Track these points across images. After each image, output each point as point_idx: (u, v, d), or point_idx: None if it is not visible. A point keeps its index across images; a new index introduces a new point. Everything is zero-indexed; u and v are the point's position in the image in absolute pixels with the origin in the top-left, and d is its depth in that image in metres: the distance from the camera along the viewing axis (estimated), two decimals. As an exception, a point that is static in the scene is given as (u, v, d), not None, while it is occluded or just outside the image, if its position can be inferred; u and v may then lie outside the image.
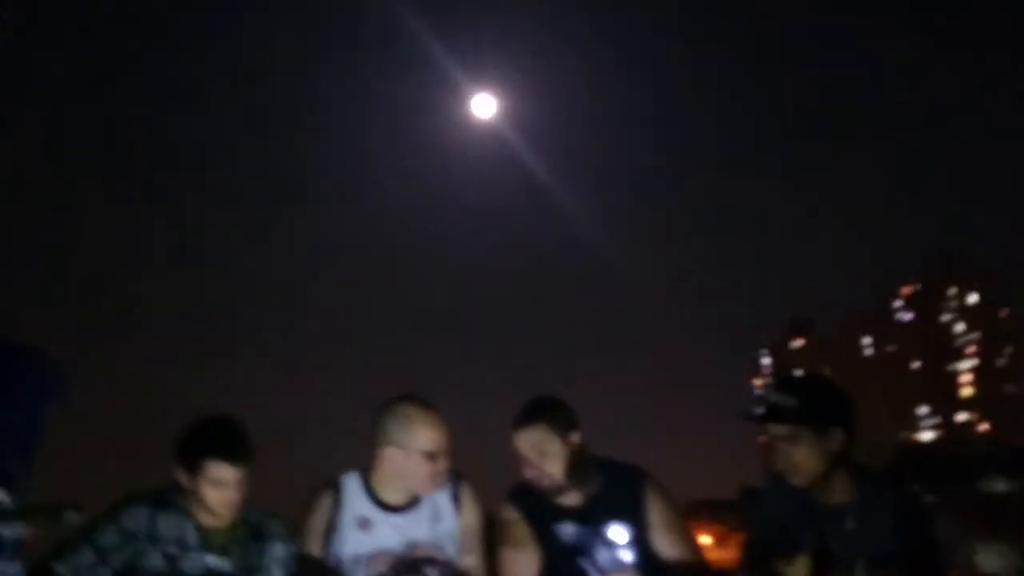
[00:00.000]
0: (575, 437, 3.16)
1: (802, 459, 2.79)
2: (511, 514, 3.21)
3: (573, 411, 3.21)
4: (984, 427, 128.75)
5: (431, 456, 3.05)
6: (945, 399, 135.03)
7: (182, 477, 2.95)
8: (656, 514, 3.16)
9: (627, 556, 3.04)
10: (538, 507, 3.17)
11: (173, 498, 2.98)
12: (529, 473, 3.14)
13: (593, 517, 3.13)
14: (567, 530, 3.15)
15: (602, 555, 3.07)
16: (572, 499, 3.17)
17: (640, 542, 3.12)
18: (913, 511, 2.80)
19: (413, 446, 3.05)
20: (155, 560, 2.90)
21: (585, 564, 3.09)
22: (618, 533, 3.07)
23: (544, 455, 3.11)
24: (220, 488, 2.91)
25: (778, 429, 2.83)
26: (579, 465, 3.16)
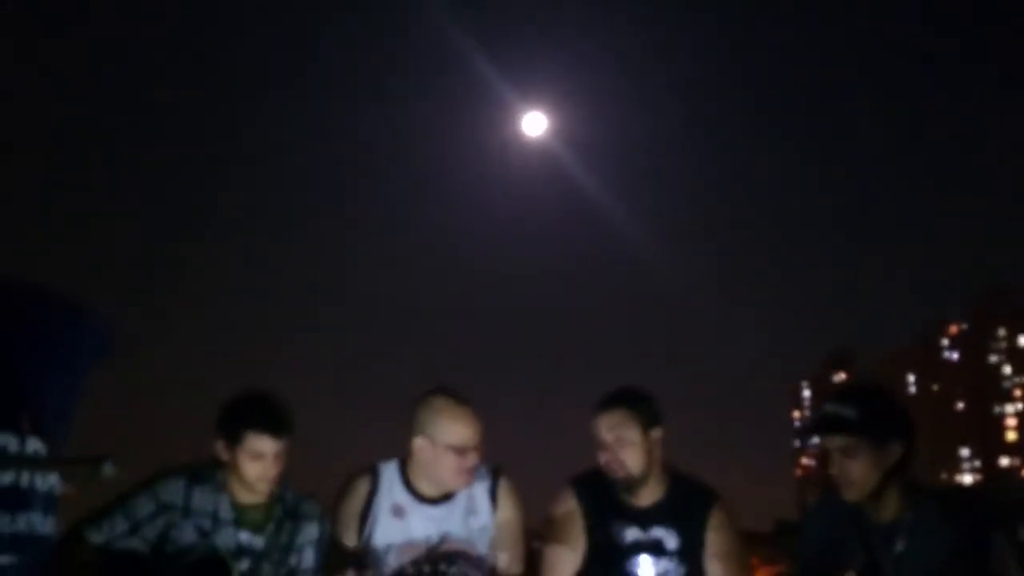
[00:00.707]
0: (656, 433, 3.09)
1: (858, 472, 2.70)
2: (569, 504, 3.14)
3: (660, 409, 3.14)
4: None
5: (459, 451, 3.01)
6: (988, 442, 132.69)
7: (222, 449, 2.94)
8: (717, 538, 3.09)
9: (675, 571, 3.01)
10: (601, 500, 3.11)
11: (210, 473, 2.97)
12: (603, 459, 3.08)
13: (654, 523, 3.07)
14: (627, 532, 3.08)
15: (653, 569, 3.03)
16: (637, 499, 3.10)
17: (692, 559, 3.06)
18: (969, 535, 2.69)
19: (441, 439, 3.02)
20: (188, 533, 2.89)
21: (635, 569, 3.04)
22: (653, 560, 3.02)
23: (622, 442, 3.04)
24: (259, 461, 2.90)
25: (835, 440, 2.75)
26: (655, 463, 3.09)
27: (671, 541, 3.07)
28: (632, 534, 3.08)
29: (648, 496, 3.11)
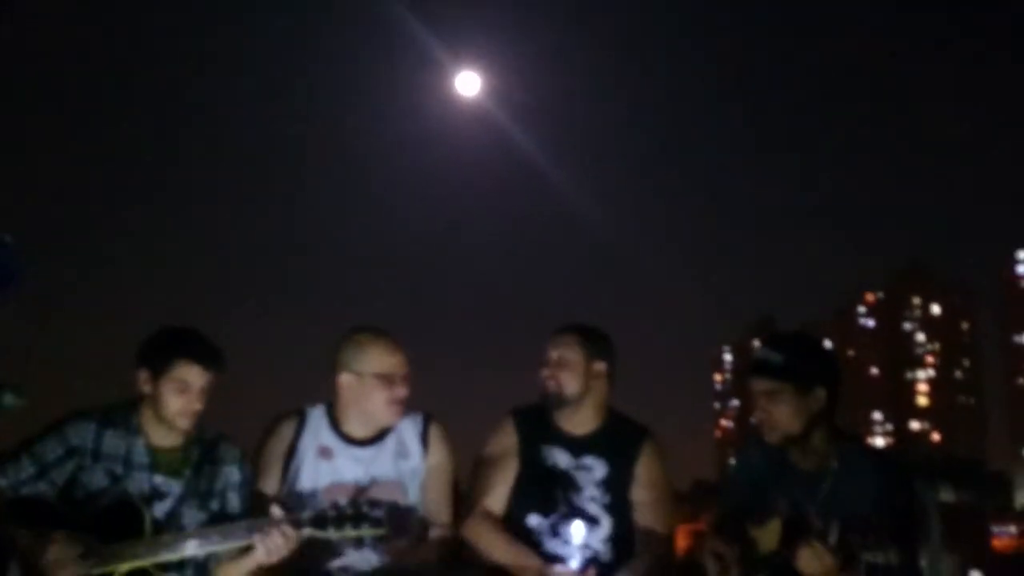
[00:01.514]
0: (599, 366, 3.19)
1: (781, 416, 2.72)
2: (506, 429, 3.22)
3: (612, 348, 3.25)
4: (936, 437, 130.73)
5: (386, 379, 2.99)
6: (900, 407, 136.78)
7: (144, 381, 2.81)
8: (646, 470, 3.16)
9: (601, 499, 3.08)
10: (537, 428, 3.20)
11: (123, 415, 2.85)
12: (544, 374, 3.17)
13: (585, 451, 3.15)
14: (558, 456, 3.15)
15: (580, 495, 3.09)
16: (572, 427, 3.18)
17: (618, 489, 3.12)
18: (893, 477, 2.71)
19: (367, 369, 2.99)
20: (97, 477, 2.77)
21: (561, 494, 3.10)
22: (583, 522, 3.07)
23: (562, 362, 3.16)
24: (185, 394, 2.78)
25: (761, 384, 2.76)
26: (593, 394, 3.18)
27: (599, 469, 3.13)
28: (563, 459, 3.15)
29: (583, 425, 3.18)
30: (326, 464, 3.00)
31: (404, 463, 3.04)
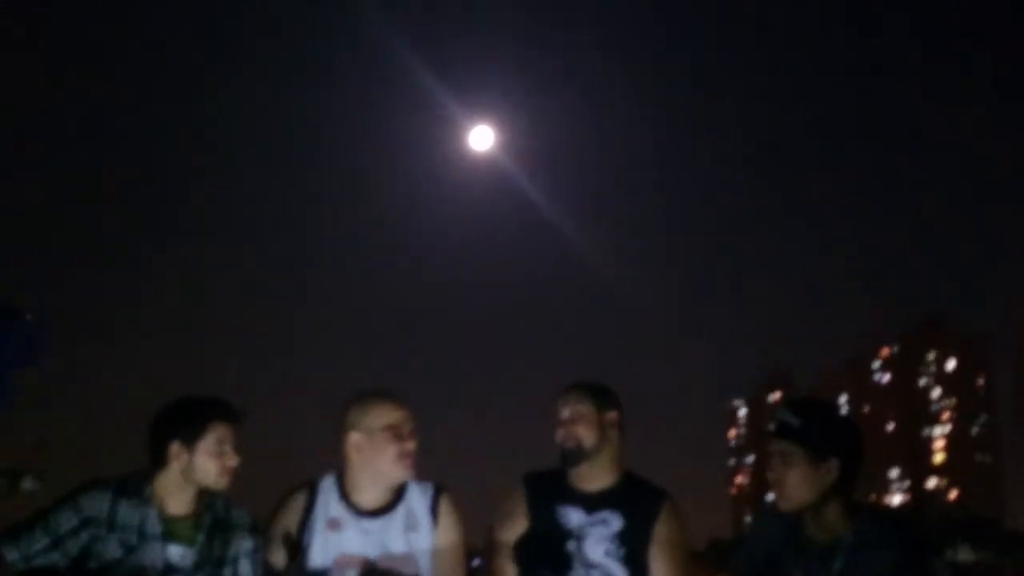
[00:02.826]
0: (611, 415, 3.21)
1: (791, 481, 2.70)
2: (516, 494, 3.22)
3: (618, 399, 3.27)
4: (953, 494, 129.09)
5: (395, 432, 2.98)
6: (917, 463, 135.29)
7: (176, 453, 2.84)
8: (664, 529, 3.11)
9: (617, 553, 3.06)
10: (549, 489, 3.20)
11: (137, 485, 2.86)
12: (559, 434, 3.18)
13: (601, 507, 3.13)
14: (571, 515, 3.13)
15: (595, 549, 3.06)
16: (586, 484, 3.17)
17: (633, 543, 3.08)
18: (907, 552, 2.68)
19: (374, 425, 2.98)
20: (111, 548, 2.76)
21: (575, 550, 3.07)
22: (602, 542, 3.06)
23: (575, 416, 3.17)
24: (223, 455, 2.85)
25: (776, 445, 2.75)
26: (609, 445, 3.18)
27: (615, 523, 3.09)
28: (577, 516, 3.12)
29: (598, 481, 3.17)
30: (335, 536, 2.97)
31: (414, 535, 3.00)
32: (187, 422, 2.86)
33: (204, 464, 2.84)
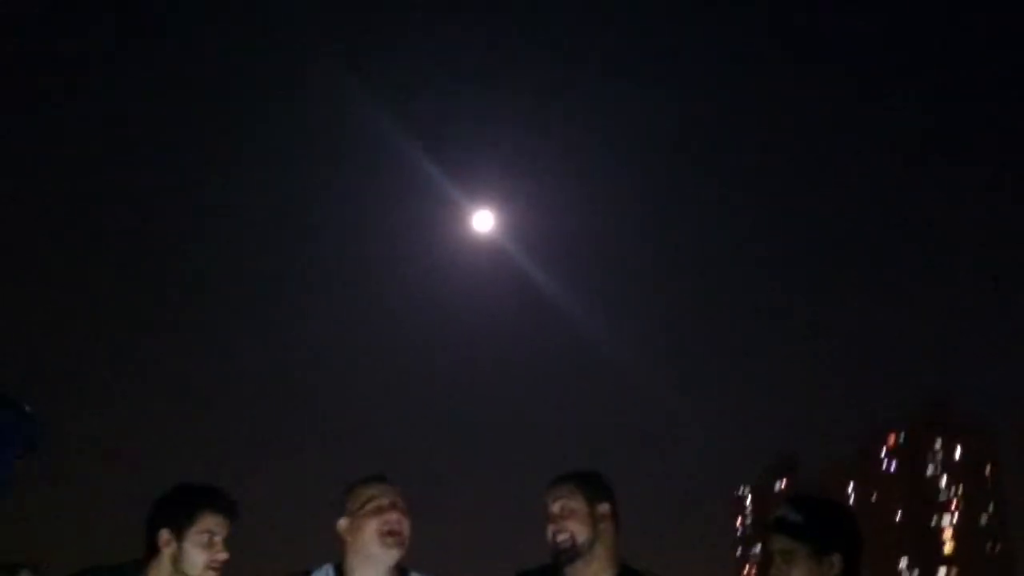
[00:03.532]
0: (604, 508, 3.10)
1: None
2: None
3: (610, 488, 3.17)
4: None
5: (377, 509, 2.95)
6: (926, 553, 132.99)
7: (165, 540, 2.83)
8: None
9: None
10: None
11: (131, 573, 2.86)
12: (551, 528, 3.07)
13: None
14: None
15: None
16: None
17: None
18: None
19: (357, 503, 2.98)
20: None
21: None
22: None
23: (566, 512, 3.06)
24: (212, 547, 2.81)
25: (778, 542, 2.74)
26: (603, 539, 3.06)
27: None
28: None
29: None
30: None
31: None
32: (177, 509, 2.86)
33: (193, 554, 2.80)
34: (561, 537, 3.04)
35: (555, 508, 3.07)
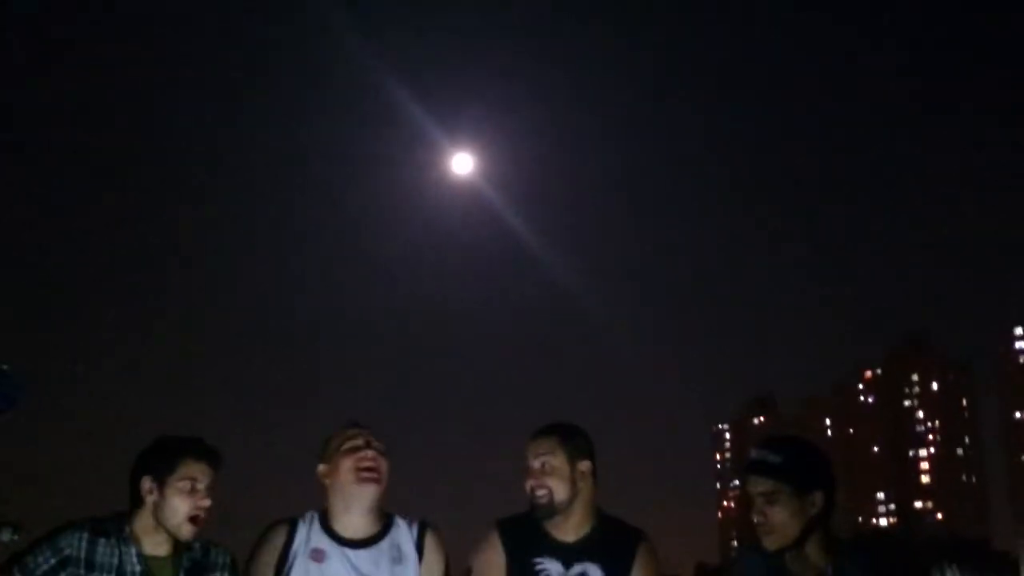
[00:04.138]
0: (584, 466, 3.10)
1: (779, 518, 2.70)
2: (491, 543, 3.11)
3: (591, 444, 3.16)
4: (939, 516, 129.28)
5: (352, 448, 3.00)
6: (903, 485, 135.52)
7: (148, 490, 2.81)
8: (642, 573, 3.08)
9: None
10: (525, 539, 3.09)
11: (114, 524, 2.83)
12: (530, 483, 3.07)
13: (579, 558, 3.06)
14: (549, 567, 3.06)
15: None
16: (562, 534, 3.09)
17: None
18: None
19: (333, 449, 3.02)
20: None
21: None
22: None
23: (547, 469, 3.06)
24: (195, 493, 2.80)
25: (758, 484, 2.75)
26: (582, 497, 3.08)
27: (594, 574, 3.05)
28: (555, 569, 3.06)
29: (573, 531, 3.09)
30: (316, 567, 2.94)
31: (399, 568, 2.99)
32: (159, 458, 2.84)
33: (176, 502, 2.79)
34: (540, 492, 3.08)
35: (535, 464, 3.08)
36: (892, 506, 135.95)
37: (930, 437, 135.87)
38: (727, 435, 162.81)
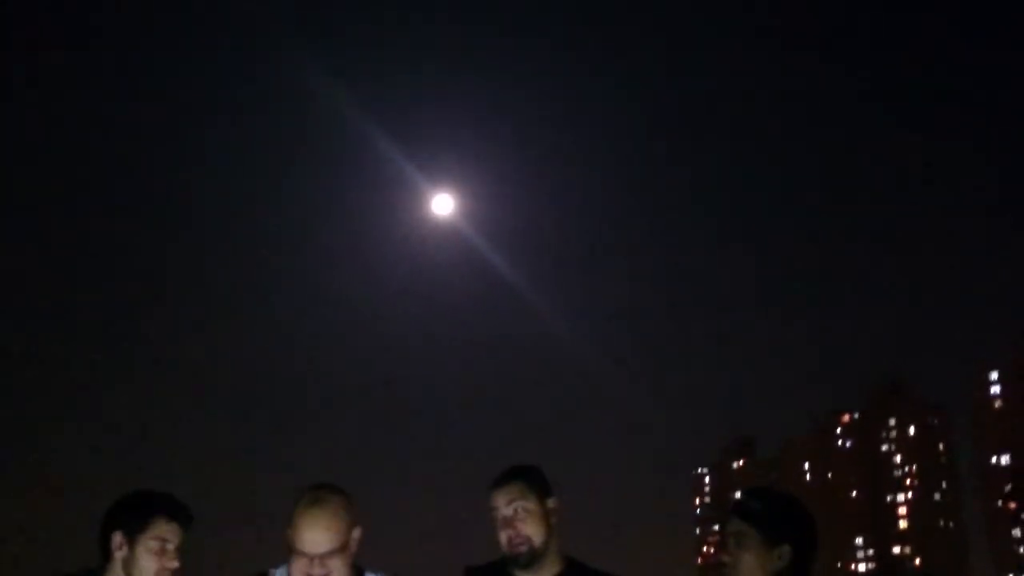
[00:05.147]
0: (552, 503, 3.08)
1: (744, 563, 2.76)
2: None
3: (548, 480, 3.14)
4: (918, 561, 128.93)
5: (307, 557, 2.83)
6: (881, 530, 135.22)
7: (117, 544, 2.80)
8: None
9: None
10: None
11: None
12: (504, 536, 3.03)
13: None
14: None
15: None
16: None
17: None
18: None
19: (294, 542, 2.88)
20: None
21: None
22: None
23: (522, 514, 3.01)
24: (163, 555, 2.78)
25: (734, 525, 2.83)
26: (554, 535, 3.05)
27: None
28: None
29: (545, 574, 3.06)
30: None
31: None
32: (130, 513, 2.83)
33: (144, 561, 2.77)
34: (518, 542, 3.00)
35: (508, 511, 3.01)
36: (871, 551, 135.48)
37: (908, 482, 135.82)
38: (707, 479, 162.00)
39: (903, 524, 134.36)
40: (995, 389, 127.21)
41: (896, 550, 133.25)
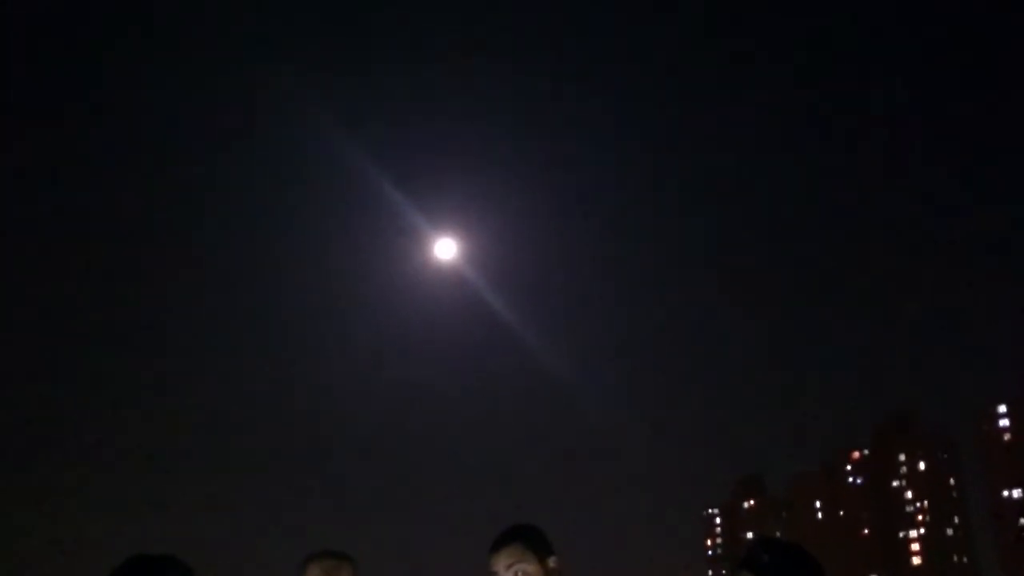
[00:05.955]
0: (553, 561, 3.06)
1: None
2: None
3: (548, 539, 3.12)
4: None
5: None
6: (895, 567, 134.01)
7: None
8: None
9: None
10: None
11: None
12: None
13: None
14: None
15: None
16: None
17: None
18: None
19: None
20: None
21: None
22: None
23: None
24: None
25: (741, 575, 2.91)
26: None
27: None
28: None
29: None
30: None
31: None
32: None
33: None
34: None
35: (509, 574, 2.98)
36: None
37: (919, 517, 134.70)
38: (717, 519, 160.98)
39: (916, 560, 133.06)
40: (1003, 422, 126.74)
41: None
